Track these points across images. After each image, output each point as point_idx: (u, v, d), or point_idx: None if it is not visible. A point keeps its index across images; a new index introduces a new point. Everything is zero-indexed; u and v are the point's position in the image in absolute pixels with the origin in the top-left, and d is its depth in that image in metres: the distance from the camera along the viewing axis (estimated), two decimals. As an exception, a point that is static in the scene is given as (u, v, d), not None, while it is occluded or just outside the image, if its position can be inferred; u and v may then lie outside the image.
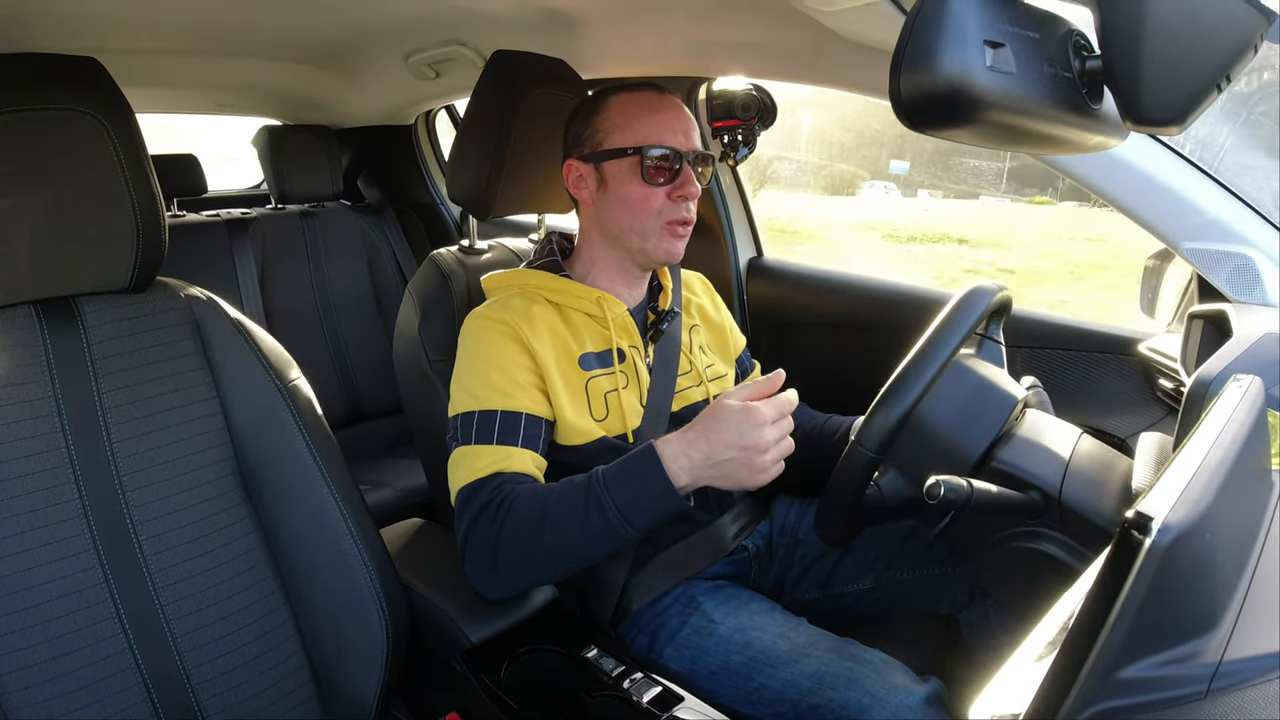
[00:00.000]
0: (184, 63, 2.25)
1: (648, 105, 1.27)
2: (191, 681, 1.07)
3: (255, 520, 1.15)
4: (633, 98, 1.29)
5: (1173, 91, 0.59)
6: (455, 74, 2.27)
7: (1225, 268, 1.20)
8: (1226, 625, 0.56)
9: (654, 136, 1.25)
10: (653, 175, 1.25)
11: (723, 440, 1.03)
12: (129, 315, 1.12)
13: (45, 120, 1.00)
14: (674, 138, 1.26)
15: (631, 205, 1.27)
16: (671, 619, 1.26)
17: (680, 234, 1.28)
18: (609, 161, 1.27)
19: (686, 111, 1.30)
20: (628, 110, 1.28)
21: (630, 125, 1.26)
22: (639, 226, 1.27)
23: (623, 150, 1.26)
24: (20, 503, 1.00)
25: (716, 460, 1.03)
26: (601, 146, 1.28)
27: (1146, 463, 1.00)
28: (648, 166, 1.24)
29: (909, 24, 0.56)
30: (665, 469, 1.05)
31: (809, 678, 1.11)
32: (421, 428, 1.44)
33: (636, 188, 1.26)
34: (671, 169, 1.25)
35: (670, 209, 1.26)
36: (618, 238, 1.30)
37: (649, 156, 1.24)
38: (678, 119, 1.27)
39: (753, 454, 1.01)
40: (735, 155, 1.97)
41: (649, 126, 1.26)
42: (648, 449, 1.08)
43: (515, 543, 1.10)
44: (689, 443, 1.06)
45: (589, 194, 1.32)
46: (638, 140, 1.25)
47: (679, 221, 1.27)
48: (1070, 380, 1.49)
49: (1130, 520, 0.50)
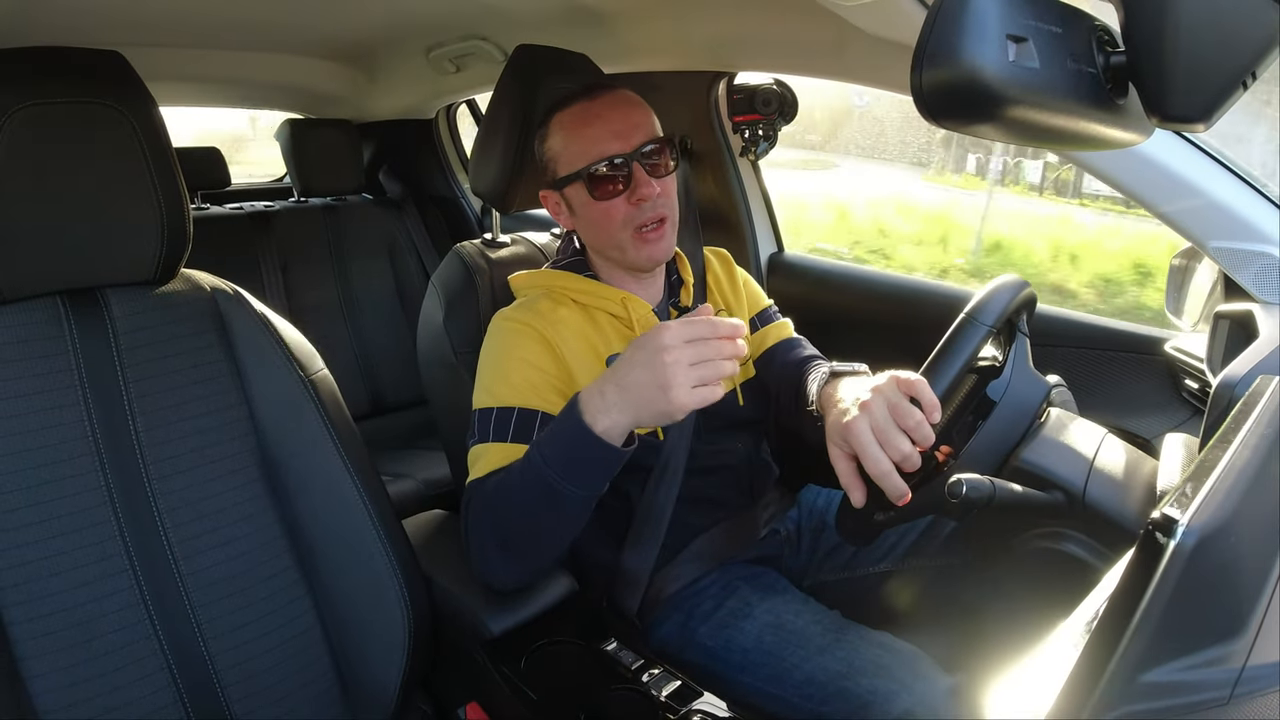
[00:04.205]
0: (207, 57, 2.27)
1: (580, 119, 1.25)
2: (216, 669, 1.08)
3: (278, 511, 1.16)
4: (568, 114, 1.26)
5: (1199, 88, 0.58)
6: (476, 68, 2.28)
7: (1252, 267, 1.18)
8: (1251, 630, 0.56)
9: (593, 151, 1.22)
10: (602, 191, 1.22)
11: (629, 365, 0.96)
12: (154, 306, 1.13)
13: (70, 113, 1.01)
14: (613, 144, 1.22)
15: (598, 224, 1.26)
16: (707, 600, 1.28)
17: (651, 238, 1.25)
18: (567, 188, 1.27)
19: (626, 104, 1.26)
20: (565, 129, 1.26)
21: (569, 146, 1.25)
22: (613, 240, 1.26)
23: (571, 176, 1.24)
24: (48, 490, 1.02)
25: (625, 388, 0.96)
26: (557, 175, 1.27)
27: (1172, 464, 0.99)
28: (595, 185, 1.22)
29: (931, 18, 0.56)
30: (580, 413, 0.98)
31: (839, 661, 1.13)
32: (447, 419, 1.45)
33: (594, 207, 1.24)
34: (622, 177, 1.22)
35: (634, 214, 1.23)
36: (603, 252, 1.31)
37: (592, 175, 1.22)
38: (613, 121, 1.23)
39: (658, 373, 0.92)
40: (755, 150, 1.96)
41: (585, 143, 1.23)
42: (573, 397, 1.02)
43: (492, 525, 1.11)
44: (602, 381, 0.99)
45: (566, 219, 1.32)
46: (579, 161, 1.23)
47: (645, 225, 1.24)
48: (1095, 380, 1.48)
49: (1155, 522, 0.50)
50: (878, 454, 0.94)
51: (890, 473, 0.94)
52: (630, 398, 0.96)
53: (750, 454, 1.41)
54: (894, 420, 0.95)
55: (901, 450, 0.94)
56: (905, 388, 0.98)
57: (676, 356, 0.92)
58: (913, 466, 0.95)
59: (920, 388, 0.97)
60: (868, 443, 0.95)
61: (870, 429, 0.95)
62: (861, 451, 0.96)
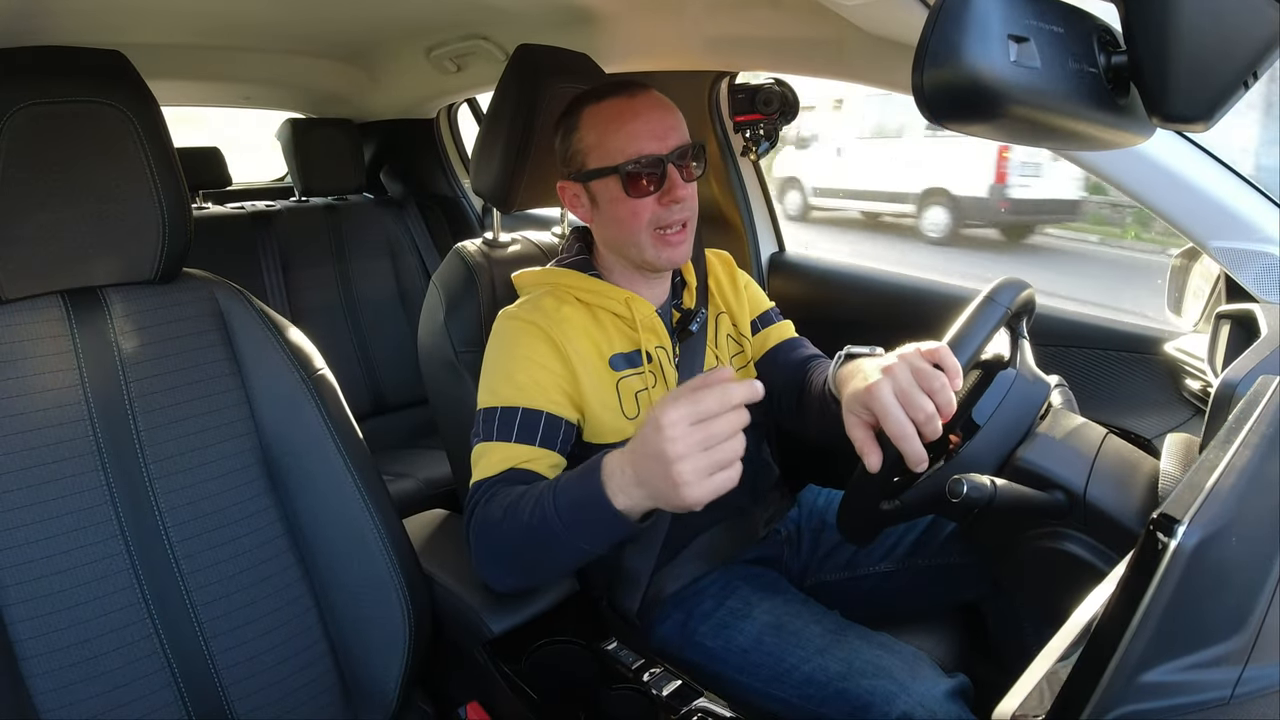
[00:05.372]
0: (208, 56, 2.27)
1: (618, 116, 1.23)
2: (216, 668, 1.09)
3: (280, 510, 1.16)
4: (603, 109, 1.25)
5: (1200, 88, 0.58)
6: (477, 68, 2.28)
7: (1253, 267, 1.18)
8: (1251, 630, 0.56)
9: (630, 149, 1.21)
10: (636, 189, 1.22)
11: (642, 447, 0.88)
12: (156, 306, 1.13)
13: (71, 113, 1.01)
14: (651, 143, 1.21)
15: (623, 221, 1.25)
16: (708, 599, 1.28)
17: (673, 240, 1.25)
18: (595, 181, 1.26)
19: (662, 107, 1.25)
20: (600, 125, 1.24)
21: (604, 142, 1.23)
22: (634, 239, 1.25)
23: (603, 170, 1.23)
24: (49, 490, 1.02)
25: (641, 475, 0.90)
26: (586, 167, 1.26)
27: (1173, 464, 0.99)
28: (629, 182, 1.21)
29: (932, 18, 0.56)
30: (603, 484, 0.93)
31: (839, 662, 1.13)
32: (448, 418, 1.45)
33: (624, 204, 1.23)
34: (655, 176, 1.22)
35: (661, 215, 1.23)
36: (619, 250, 1.30)
37: (629, 171, 1.21)
38: (651, 121, 1.23)
39: (666, 468, 0.85)
40: (757, 150, 1.96)
41: (623, 139, 1.22)
42: (597, 460, 0.96)
43: (490, 543, 1.10)
44: (623, 456, 0.93)
45: (585, 211, 1.31)
46: (615, 157, 1.22)
47: (668, 226, 1.24)
48: (1096, 380, 1.47)
49: (1155, 522, 0.50)
50: (900, 416, 0.93)
51: (912, 436, 0.93)
52: (646, 488, 0.90)
53: (751, 455, 1.41)
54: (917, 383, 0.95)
55: (926, 409, 0.93)
56: (928, 355, 0.97)
57: (684, 447, 0.84)
58: (934, 432, 0.94)
59: (943, 354, 0.97)
60: (890, 405, 0.94)
61: (893, 391, 0.94)
62: (884, 414, 0.94)
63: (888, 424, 0.94)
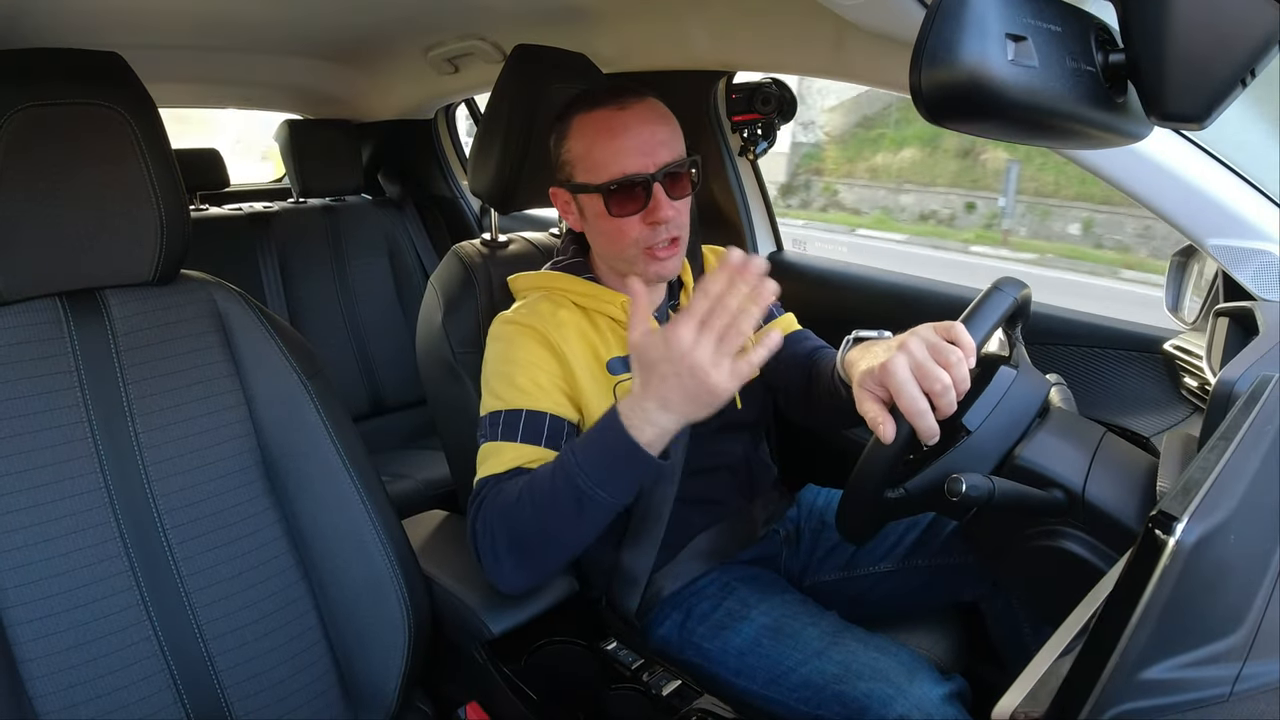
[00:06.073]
0: (205, 58, 2.27)
1: (606, 130, 1.20)
2: (215, 669, 1.09)
3: (278, 511, 1.16)
4: (593, 119, 1.21)
5: (1197, 86, 0.58)
6: (474, 69, 2.28)
7: (1251, 265, 1.18)
8: (1250, 627, 0.56)
9: (615, 167, 1.19)
10: (620, 209, 1.20)
11: (656, 373, 0.95)
12: (154, 308, 1.13)
13: (69, 115, 1.01)
14: (636, 161, 1.18)
15: (609, 236, 1.24)
16: (705, 600, 1.27)
17: (662, 255, 1.22)
18: (581, 195, 1.24)
19: (653, 120, 1.22)
20: (588, 136, 1.22)
21: (591, 155, 1.21)
22: (622, 254, 1.24)
23: (587, 186, 1.22)
24: (47, 492, 1.02)
25: (663, 396, 0.95)
26: (573, 179, 1.24)
27: (1171, 462, 0.99)
28: (612, 201, 1.19)
29: (930, 17, 0.56)
30: (624, 425, 0.98)
31: (836, 665, 1.12)
32: (446, 419, 1.45)
33: (609, 222, 1.21)
34: (640, 196, 1.19)
35: (648, 235, 1.21)
36: (609, 261, 1.30)
37: (612, 191, 1.19)
38: (640, 136, 1.19)
39: (689, 369, 0.91)
40: (754, 149, 1.96)
41: (609, 156, 1.19)
42: (611, 410, 1.01)
43: (507, 528, 1.09)
44: (636, 393, 0.98)
45: (575, 220, 1.30)
46: (599, 175, 1.20)
47: (657, 245, 1.22)
48: (1094, 378, 1.47)
49: (1154, 520, 0.50)
50: (915, 391, 0.92)
51: (926, 411, 0.92)
52: (670, 407, 0.96)
53: (749, 454, 1.41)
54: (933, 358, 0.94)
55: (942, 380, 0.92)
56: (943, 331, 0.97)
57: (700, 353, 0.91)
58: (949, 406, 0.93)
59: (959, 330, 0.97)
60: (905, 379, 0.93)
61: (908, 366, 0.93)
62: (898, 389, 0.93)
63: (902, 399, 0.93)
